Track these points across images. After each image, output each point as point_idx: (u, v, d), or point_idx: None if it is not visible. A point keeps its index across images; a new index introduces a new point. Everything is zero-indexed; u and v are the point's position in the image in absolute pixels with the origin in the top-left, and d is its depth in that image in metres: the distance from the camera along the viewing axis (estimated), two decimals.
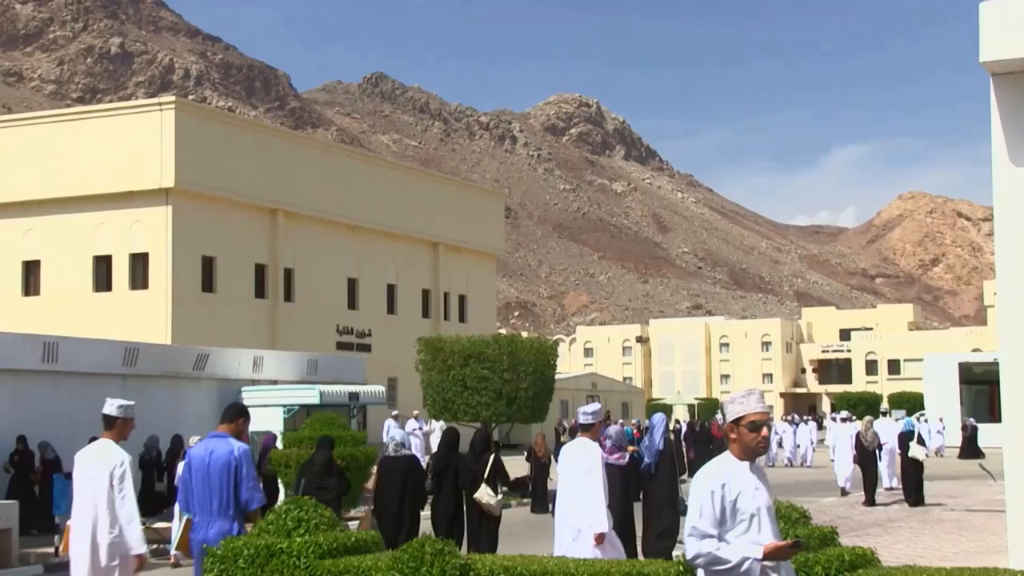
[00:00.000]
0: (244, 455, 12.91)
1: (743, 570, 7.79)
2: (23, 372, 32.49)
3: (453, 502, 20.47)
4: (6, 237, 57.48)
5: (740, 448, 8.23)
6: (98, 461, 13.93)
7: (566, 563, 11.24)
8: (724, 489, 7.97)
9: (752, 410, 8.24)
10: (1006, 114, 18.69)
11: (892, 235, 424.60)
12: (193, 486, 13.12)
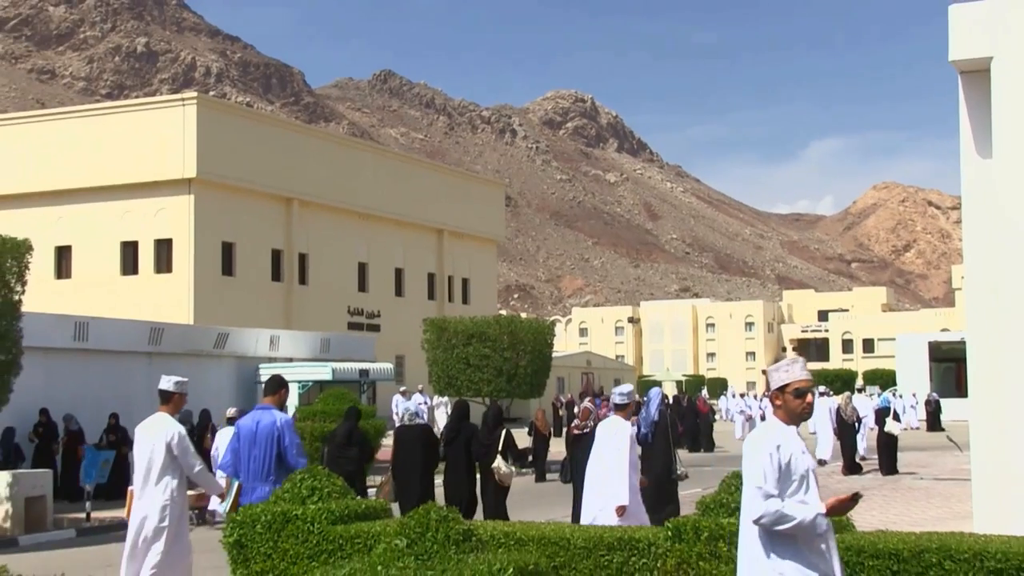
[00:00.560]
0: (286, 424, 13.65)
1: (811, 524, 7.76)
2: (55, 350, 32.50)
3: (463, 468, 20.57)
4: (39, 224, 57.39)
5: (786, 413, 8.19)
6: (156, 432, 14.13)
7: (562, 528, 11.24)
8: (779, 451, 7.92)
9: (797, 377, 8.20)
10: (973, 109, 18.69)
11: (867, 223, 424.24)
12: (242, 454, 13.79)
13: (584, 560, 10.70)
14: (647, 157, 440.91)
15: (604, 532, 11.02)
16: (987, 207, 18.56)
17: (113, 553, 22.27)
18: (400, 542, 7.32)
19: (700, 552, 10.28)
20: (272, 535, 11.58)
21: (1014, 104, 18.19)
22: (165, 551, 13.47)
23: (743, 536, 8.15)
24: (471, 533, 7.52)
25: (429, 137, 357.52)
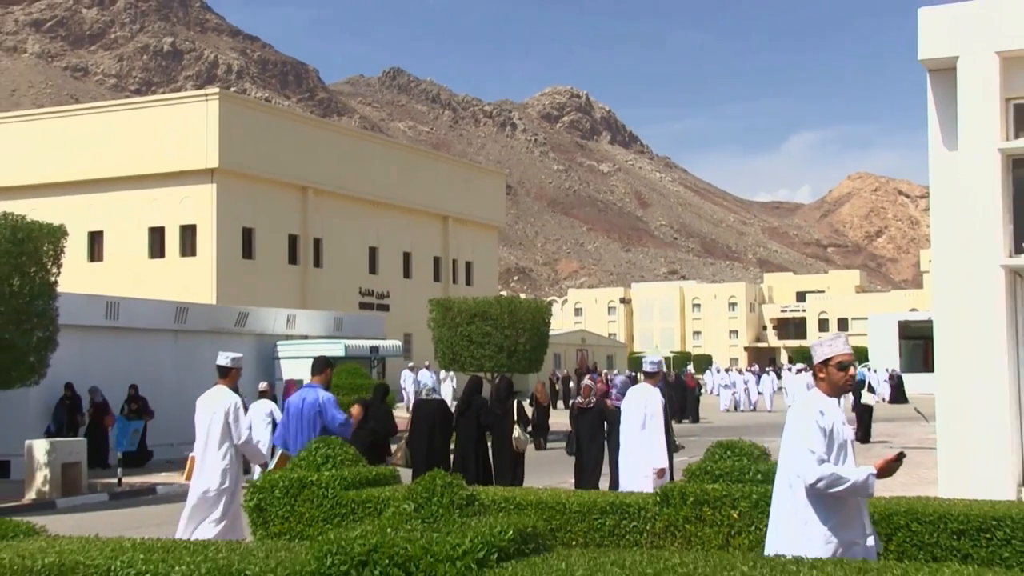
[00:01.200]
0: (328, 401, 14.26)
1: (863, 484, 7.74)
2: (89, 328, 32.51)
3: (473, 437, 20.68)
4: (74, 210, 57.36)
5: (828, 386, 8.12)
6: (215, 403, 14.60)
7: (558, 494, 11.27)
8: (823, 418, 7.88)
9: (840, 351, 8.14)
10: (940, 105, 18.69)
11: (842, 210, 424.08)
12: (289, 428, 14.37)
13: (579, 523, 10.73)
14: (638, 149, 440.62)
15: (597, 497, 11.05)
16: (953, 196, 18.56)
17: (142, 516, 22.34)
18: (408, 506, 7.33)
19: (686, 515, 10.30)
20: (289, 500, 11.62)
21: (978, 100, 18.19)
22: (223, 512, 14.00)
23: (777, 501, 8.17)
24: (474, 498, 7.53)
25: (435, 130, 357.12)
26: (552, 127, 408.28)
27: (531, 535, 7.24)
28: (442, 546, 6.81)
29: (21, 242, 23.00)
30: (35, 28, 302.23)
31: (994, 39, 18.16)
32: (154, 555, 7.97)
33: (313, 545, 7.36)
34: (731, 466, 10.46)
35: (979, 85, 18.18)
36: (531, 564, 6.81)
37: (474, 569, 6.70)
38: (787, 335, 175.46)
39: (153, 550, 8.15)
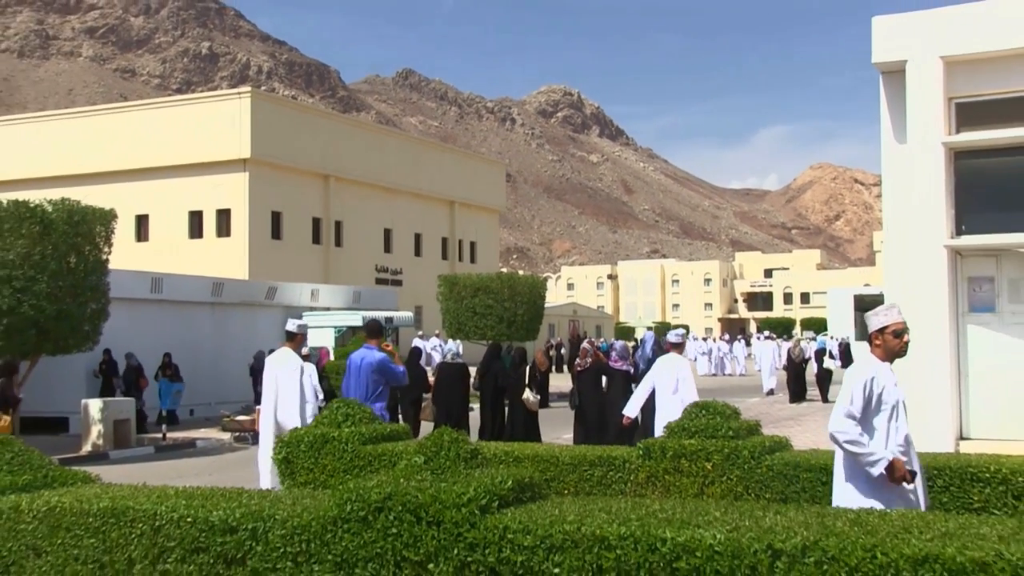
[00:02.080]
0: (384, 359, 14.56)
1: (871, 461, 7.71)
2: (136, 300, 32.53)
3: (492, 398, 20.86)
4: (122, 196, 57.31)
5: (883, 351, 8.09)
6: (280, 364, 15.00)
7: (552, 449, 11.27)
8: (873, 383, 7.85)
9: (895, 320, 8.11)
10: (891, 103, 18.69)
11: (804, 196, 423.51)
12: (350, 383, 14.53)
13: (570, 474, 10.75)
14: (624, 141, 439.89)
15: (587, 451, 11.05)
16: (902, 184, 18.57)
17: (183, 467, 22.41)
18: (418, 459, 7.35)
19: (666, 467, 10.31)
20: (313, 453, 11.64)
21: (924, 100, 18.18)
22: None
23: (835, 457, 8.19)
24: (477, 452, 7.55)
25: (442, 125, 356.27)
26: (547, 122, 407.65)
27: (528, 485, 7.26)
28: (449, 494, 6.84)
29: (77, 224, 23.02)
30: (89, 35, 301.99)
31: (939, 45, 18.15)
32: (194, 501, 8.01)
33: (334, 493, 7.39)
34: (706, 424, 10.48)
35: (925, 86, 18.18)
36: (528, 510, 6.85)
37: (477, 515, 6.73)
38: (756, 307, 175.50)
39: (194, 496, 8.19)
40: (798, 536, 5.92)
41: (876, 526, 6.07)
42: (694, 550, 6.07)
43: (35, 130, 67.59)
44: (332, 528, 7.16)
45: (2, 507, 8.42)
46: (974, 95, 18.39)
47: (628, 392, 20.92)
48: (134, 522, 7.91)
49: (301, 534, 7.27)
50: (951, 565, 5.46)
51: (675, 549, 6.11)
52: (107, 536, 7.99)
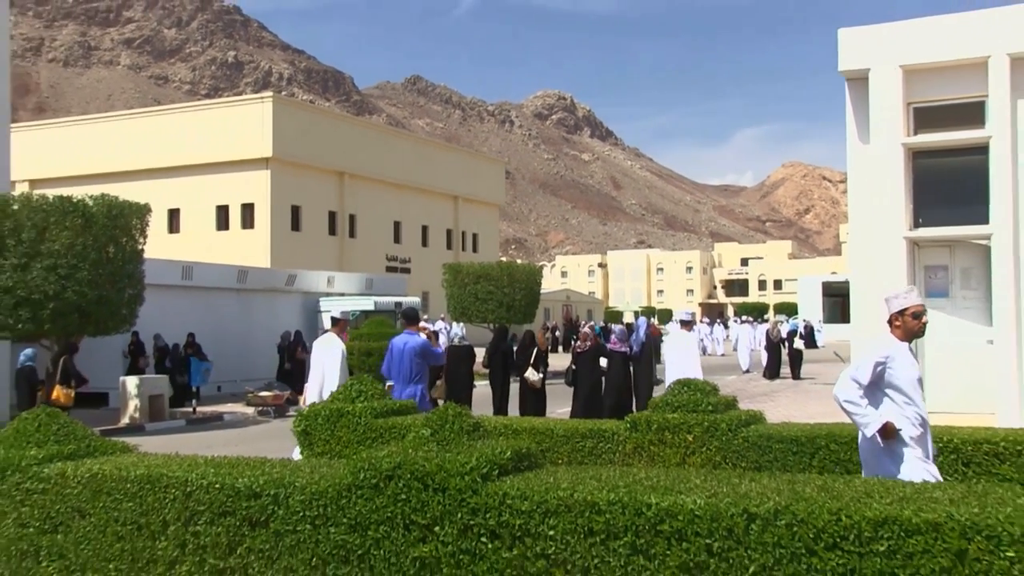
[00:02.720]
0: (425, 343, 14.84)
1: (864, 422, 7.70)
2: (168, 287, 32.54)
3: (500, 376, 21.07)
4: (156, 191, 57.29)
5: (903, 332, 7.97)
6: (325, 347, 15.48)
7: (548, 422, 11.29)
8: (887, 361, 7.76)
9: (914, 303, 7.99)
10: (856, 107, 18.72)
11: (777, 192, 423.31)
12: (393, 365, 14.68)
13: (564, 446, 10.78)
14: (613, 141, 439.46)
15: (579, 424, 11.07)
16: (866, 181, 18.60)
17: (212, 438, 22.43)
18: (425, 431, 7.37)
19: (651, 439, 10.34)
20: (330, 426, 11.66)
21: (885, 104, 18.20)
22: None
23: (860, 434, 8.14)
24: (479, 425, 7.57)
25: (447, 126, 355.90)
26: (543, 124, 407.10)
27: (525, 455, 7.29)
28: (453, 464, 6.87)
29: (115, 217, 23.03)
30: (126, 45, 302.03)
31: (898, 55, 18.17)
32: (222, 469, 8.04)
33: (349, 462, 7.42)
34: (687, 399, 10.50)
35: (886, 92, 18.19)
36: (525, 478, 6.87)
37: (479, 482, 6.76)
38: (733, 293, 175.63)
39: (221, 465, 8.22)
40: (771, 501, 5.95)
41: (841, 492, 6.10)
42: (676, 514, 6.10)
43: (78, 132, 67.58)
44: (347, 494, 7.20)
45: (50, 473, 8.49)
46: (930, 100, 18.41)
47: (626, 370, 21.32)
48: (168, 488, 7.96)
49: (319, 499, 7.31)
50: (907, 526, 5.51)
51: (659, 513, 6.14)
52: (144, 500, 8.05)
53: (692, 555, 6.03)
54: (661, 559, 6.11)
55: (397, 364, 14.57)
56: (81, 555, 8.28)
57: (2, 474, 8.64)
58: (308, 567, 7.30)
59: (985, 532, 5.34)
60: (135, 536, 8.06)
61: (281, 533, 7.42)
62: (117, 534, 8.13)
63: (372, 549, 7.06)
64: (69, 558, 8.35)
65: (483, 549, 6.66)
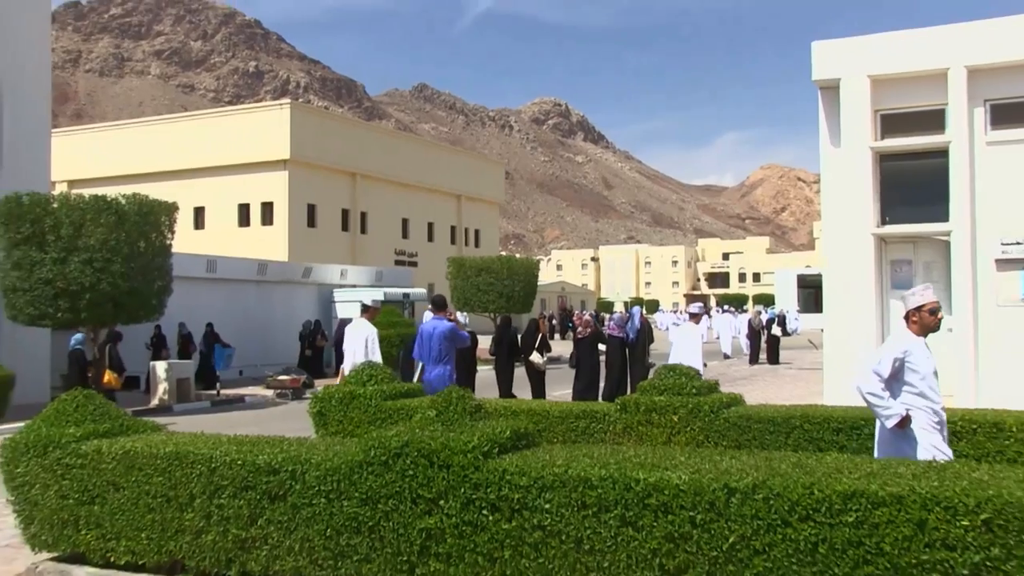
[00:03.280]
0: (452, 327, 14.73)
1: (887, 414, 7.62)
2: (194, 279, 32.53)
3: (506, 361, 21.07)
4: (183, 191, 57.24)
5: (919, 327, 7.88)
6: (358, 331, 15.83)
7: (544, 404, 11.33)
8: (905, 355, 7.69)
9: (930, 300, 7.91)
10: (828, 113, 18.72)
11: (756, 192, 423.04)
12: (423, 347, 14.76)
13: (559, 426, 10.80)
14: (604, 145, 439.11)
15: (573, 406, 11.10)
16: (837, 182, 18.61)
17: (235, 419, 22.44)
18: (431, 412, 7.38)
19: (639, 420, 10.36)
20: (343, 407, 11.68)
21: (855, 111, 18.21)
22: None
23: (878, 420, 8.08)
24: (480, 406, 7.59)
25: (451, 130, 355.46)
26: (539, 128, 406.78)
27: (523, 434, 7.30)
28: (457, 442, 6.88)
29: (146, 215, 23.06)
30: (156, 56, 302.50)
31: (867, 66, 18.19)
32: (244, 447, 8.06)
33: (360, 441, 7.44)
34: (673, 383, 10.52)
35: (856, 100, 18.21)
36: (523, 456, 6.89)
37: (480, 459, 6.78)
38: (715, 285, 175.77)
39: (243, 443, 8.25)
40: (749, 477, 5.98)
41: (813, 468, 6.13)
42: (663, 489, 6.12)
43: (112, 137, 67.57)
44: (359, 470, 7.22)
45: (87, 450, 8.54)
46: (896, 108, 18.42)
47: (623, 354, 21.60)
48: (194, 464, 7.99)
49: (333, 475, 7.33)
50: (874, 498, 5.56)
51: (647, 488, 6.17)
52: (172, 475, 8.09)
53: (677, 526, 6.06)
54: (648, 530, 6.14)
55: (427, 347, 14.62)
56: (116, 524, 8.34)
57: (44, 450, 8.70)
58: (323, 537, 7.33)
59: (943, 503, 5.41)
60: (164, 508, 8.11)
61: (298, 506, 7.45)
62: (148, 506, 8.18)
63: (382, 521, 7.08)
64: (105, 527, 8.41)
65: (484, 521, 6.68)
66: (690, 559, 6.01)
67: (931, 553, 5.38)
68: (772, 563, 5.78)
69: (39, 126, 27.32)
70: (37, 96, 27.28)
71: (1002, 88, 17.57)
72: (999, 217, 17.48)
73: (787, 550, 5.73)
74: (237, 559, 7.75)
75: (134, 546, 8.26)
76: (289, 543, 7.48)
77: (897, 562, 5.46)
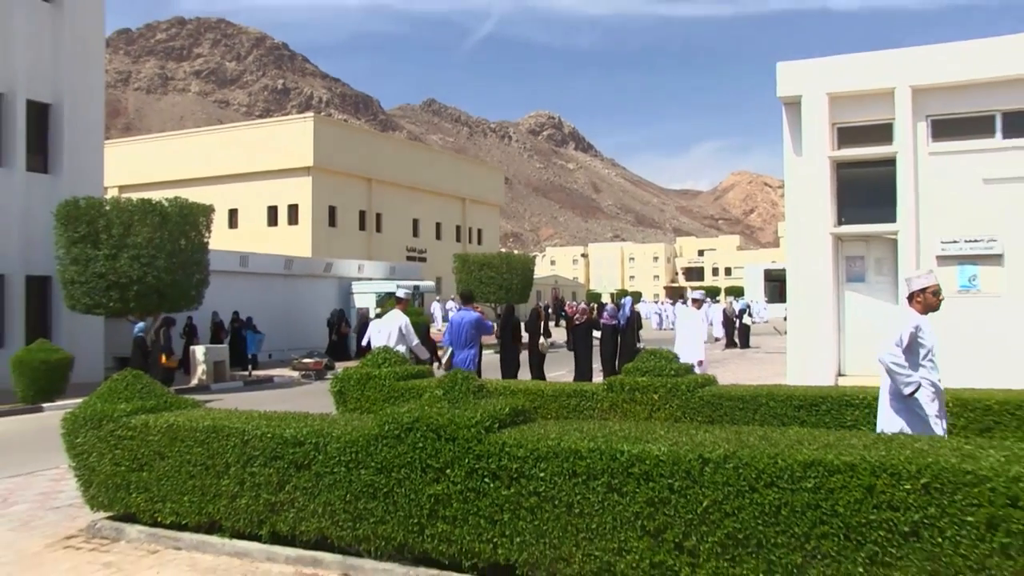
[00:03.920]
0: (478, 317, 14.85)
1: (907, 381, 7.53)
2: (228, 272, 32.57)
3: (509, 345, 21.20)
4: (219, 194, 57.26)
5: (923, 307, 7.84)
6: (393, 320, 15.43)
7: (539, 384, 11.32)
8: (918, 330, 7.67)
9: (932, 283, 7.89)
10: (791, 126, 18.74)
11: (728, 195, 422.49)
12: (453, 334, 14.87)
13: (552, 403, 10.82)
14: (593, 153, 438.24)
15: (565, 386, 11.11)
16: (799, 187, 18.64)
17: (264, 397, 22.49)
18: (439, 392, 7.41)
19: (624, 398, 10.38)
20: (360, 387, 11.71)
21: (814, 124, 18.24)
22: None
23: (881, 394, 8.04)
24: (482, 386, 7.61)
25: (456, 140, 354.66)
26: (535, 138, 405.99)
27: (521, 411, 7.33)
28: (461, 418, 6.92)
29: (186, 216, 23.10)
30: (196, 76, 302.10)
31: (825, 84, 18.23)
32: (273, 421, 8.10)
33: (376, 417, 7.47)
34: (654, 365, 10.54)
35: (815, 114, 18.24)
36: (520, 430, 6.93)
37: (483, 433, 6.81)
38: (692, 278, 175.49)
39: (272, 418, 8.29)
40: (721, 448, 6.02)
41: (777, 440, 6.17)
42: (644, 459, 6.16)
43: (156, 147, 67.49)
44: (374, 443, 7.25)
45: (136, 424, 8.64)
46: (850, 122, 18.47)
47: (614, 340, 21.75)
48: (229, 436, 8.04)
49: (351, 447, 7.36)
50: (830, 466, 5.62)
51: (630, 458, 6.20)
52: (210, 446, 8.15)
53: (657, 492, 6.10)
54: (632, 495, 6.18)
55: (456, 334, 14.80)
56: (161, 489, 8.43)
57: (99, 423, 8.82)
58: (343, 502, 7.37)
59: (889, 470, 5.49)
60: (203, 475, 8.17)
61: (321, 474, 7.49)
62: (189, 473, 8.25)
63: (395, 487, 7.12)
64: (152, 491, 8.49)
65: (486, 488, 6.72)
66: (668, 521, 6.06)
67: (878, 513, 5.47)
68: (740, 524, 5.83)
69: (94, 138, 27.43)
70: (93, 112, 27.41)
71: (942, 105, 17.69)
72: (939, 219, 17.59)
73: (754, 512, 5.79)
74: (267, 520, 7.80)
75: (177, 508, 8.34)
76: (313, 506, 7.53)
77: (849, 522, 5.54)
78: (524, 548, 6.57)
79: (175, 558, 7.95)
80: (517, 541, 6.60)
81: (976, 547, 5.21)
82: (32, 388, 20.49)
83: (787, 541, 5.69)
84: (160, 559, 7.94)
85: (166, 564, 7.79)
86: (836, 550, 5.56)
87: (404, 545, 7.10)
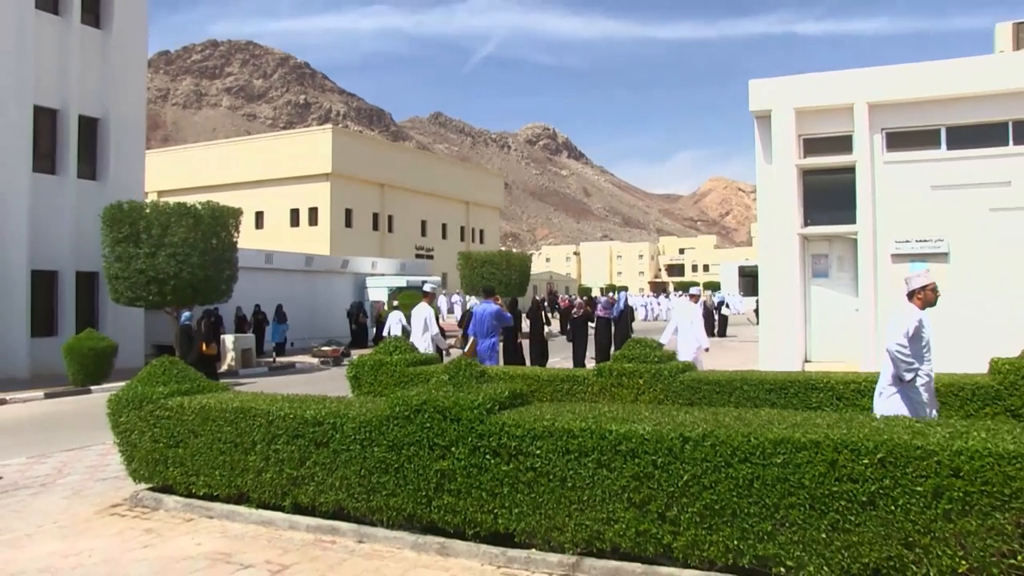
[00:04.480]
0: (498, 310, 14.69)
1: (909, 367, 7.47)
2: (255, 269, 32.54)
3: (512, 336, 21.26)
4: (247, 198, 57.29)
5: (922, 302, 7.68)
6: (420, 312, 16.02)
7: (536, 371, 11.34)
8: (920, 323, 7.58)
9: (930, 281, 7.76)
10: (762, 137, 18.74)
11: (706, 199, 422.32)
12: (477, 325, 14.77)
13: (547, 387, 10.82)
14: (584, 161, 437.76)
15: (559, 372, 11.11)
16: (770, 192, 18.64)
17: (286, 381, 22.49)
18: (444, 377, 7.42)
19: (612, 383, 10.39)
20: (374, 372, 11.71)
21: (783, 135, 18.25)
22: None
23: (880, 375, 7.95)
24: (484, 372, 7.62)
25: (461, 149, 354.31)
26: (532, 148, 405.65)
27: (519, 395, 7.34)
28: (465, 400, 6.92)
29: (217, 218, 23.11)
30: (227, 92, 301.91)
31: (792, 100, 18.24)
32: (295, 403, 8.11)
33: (388, 399, 7.48)
34: (639, 352, 10.54)
35: (784, 127, 18.25)
36: (519, 412, 6.93)
37: (484, 414, 6.82)
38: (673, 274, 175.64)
39: (294, 400, 8.30)
40: (700, 428, 6.03)
41: (750, 420, 6.18)
42: (631, 438, 6.16)
43: (191, 156, 67.47)
44: (386, 423, 7.26)
45: (172, 405, 8.69)
46: (815, 133, 18.50)
47: (608, 331, 21.81)
48: (255, 417, 8.05)
49: (365, 427, 7.37)
50: (797, 444, 5.66)
51: (618, 437, 6.21)
52: (238, 426, 8.16)
53: (642, 468, 6.11)
54: (619, 471, 6.19)
55: (478, 324, 14.74)
56: (195, 464, 8.47)
57: (140, 404, 8.89)
58: (358, 476, 7.38)
59: (850, 447, 5.53)
60: (232, 451, 8.19)
61: (338, 451, 7.50)
62: (220, 450, 8.27)
63: (405, 463, 7.13)
64: (187, 465, 8.53)
65: (487, 464, 6.73)
66: (652, 493, 6.07)
67: (840, 485, 5.51)
68: (717, 496, 5.84)
69: (136, 148, 27.53)
70: (135, 125, 27.52)
71: (895, 119, 17.81)
72: (894, 221, 17.68)
73: (729, 486, 5.80)
74: (290, 493, 7.81)
75: (209, 481, 8.36)
76: (331, 480, 7.53)
77: (814, 493, 5.57)
78: (522, 518, 6.58)
79: (208, 526, 7.99)
80: (515, 512, 6.60)
81: (923, 513, 5.30)
82: (81, 372, 20.69)
83: (759, 511, 5.71)
84: (195, 526, 7.99)
85: (200, 531, 7.84)
86: (802, 518, 5.59)
87: (413, 515, 7.11)
